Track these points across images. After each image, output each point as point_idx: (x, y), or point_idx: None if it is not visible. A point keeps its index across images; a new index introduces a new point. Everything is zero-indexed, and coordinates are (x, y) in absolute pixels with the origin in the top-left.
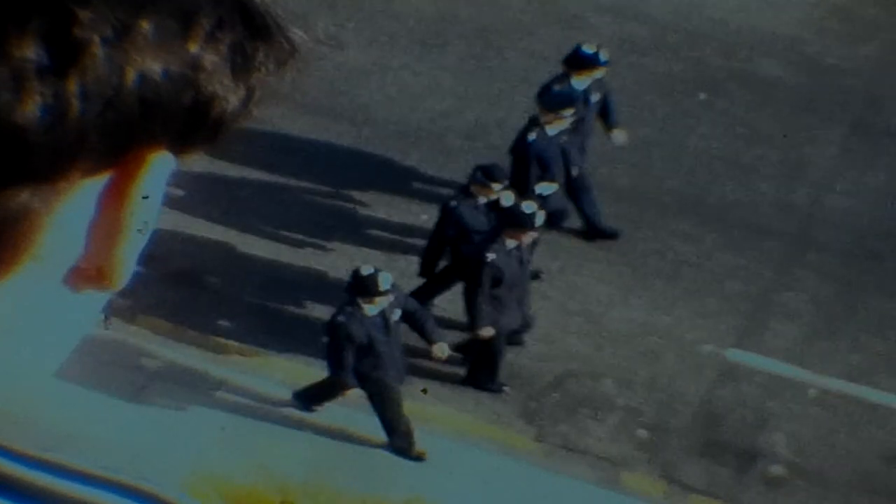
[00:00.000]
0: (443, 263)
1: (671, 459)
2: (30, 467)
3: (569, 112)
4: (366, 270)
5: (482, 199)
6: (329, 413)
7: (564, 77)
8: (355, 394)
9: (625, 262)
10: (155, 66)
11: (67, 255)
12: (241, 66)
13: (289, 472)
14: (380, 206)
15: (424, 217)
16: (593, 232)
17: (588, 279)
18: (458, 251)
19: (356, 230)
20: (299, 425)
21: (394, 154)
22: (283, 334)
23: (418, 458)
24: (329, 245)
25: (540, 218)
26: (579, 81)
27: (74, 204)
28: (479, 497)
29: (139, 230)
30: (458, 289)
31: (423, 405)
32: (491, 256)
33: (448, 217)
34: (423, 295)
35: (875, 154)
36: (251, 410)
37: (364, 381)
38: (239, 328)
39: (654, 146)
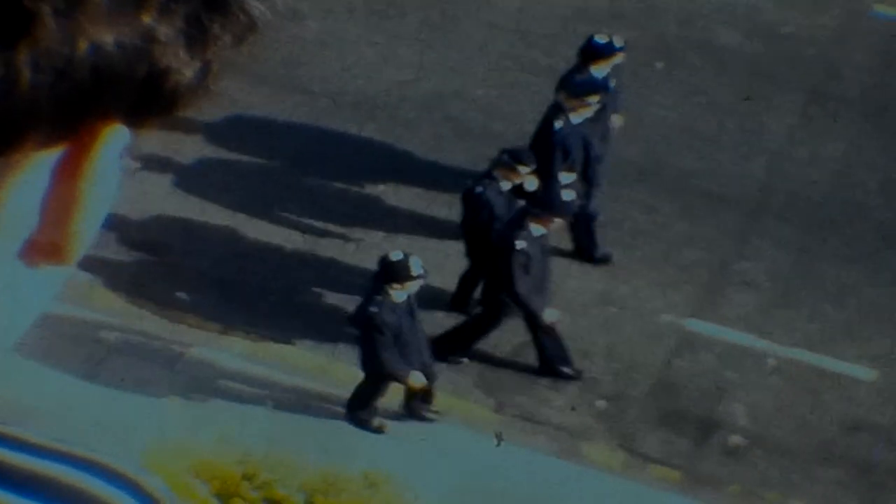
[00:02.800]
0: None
1: (630, 430)
2: None
3: (594, 99)
4: (395, 256)
5: (505, 184)
6: (289, 385)
7: (583, 67)
8: (419, 378)
9: None
10: (107, 37)
11: (21, 229)
12: (196, 38)
13: (249, 445)
14: (336, 177)
15: (381, 188)
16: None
17: None
18: (485, 237)
19: (312, 201)
20: (259, 398)
21: (350, 125)
22: (242, 306)
23: (378, 430)
24: (286, 216)
25: (575, 206)
26: (598, 70)
27: (28, 177)
28: (439, 469)
29: (96, 204)
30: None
31: None
32: (521, 245)
33: (475, 202)
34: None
35: (833, 123)
36: (211, 383)
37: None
38: (198, 301)
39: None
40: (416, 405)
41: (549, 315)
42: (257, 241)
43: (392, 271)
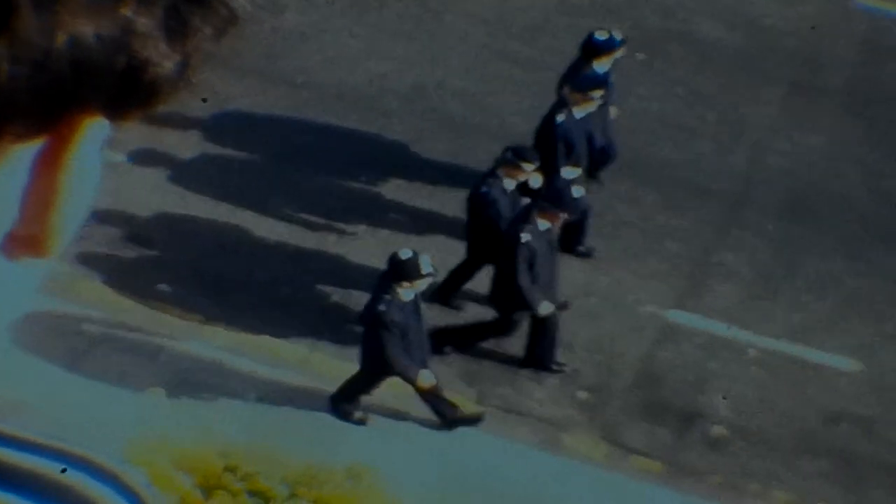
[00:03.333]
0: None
1: (612, 421)
2: None
3: (598, 94)
4: (405, 254)
5: (510, 182)
6: (271, 377)
7: (584, 63)
8: (429, 377)
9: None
10: (86, 29)
11: (1, 223)
12: (176, 30)
13: (232, 437)
14: (318, 169)
15: (363, 179)
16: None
17: None
18: (492, 236)
19: (295, 193)
20: (242, 390)
21: (332, 117)
22: (224, 299)
23: (360, 422)
24: (268, 208)
25: (583, 203)
26: (601, 65)
27: (7, 170)
28: (421, 461)
29: (77, 197)
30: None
31: None
32: (526, 237)
33: (480, 202)
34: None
35: (813, 114)
36: (193, 375)
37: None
38: (180, 293)
39: None
40: (448, 409)
41: (544, 308)
42: (240, 234)
43: (402, 270)
